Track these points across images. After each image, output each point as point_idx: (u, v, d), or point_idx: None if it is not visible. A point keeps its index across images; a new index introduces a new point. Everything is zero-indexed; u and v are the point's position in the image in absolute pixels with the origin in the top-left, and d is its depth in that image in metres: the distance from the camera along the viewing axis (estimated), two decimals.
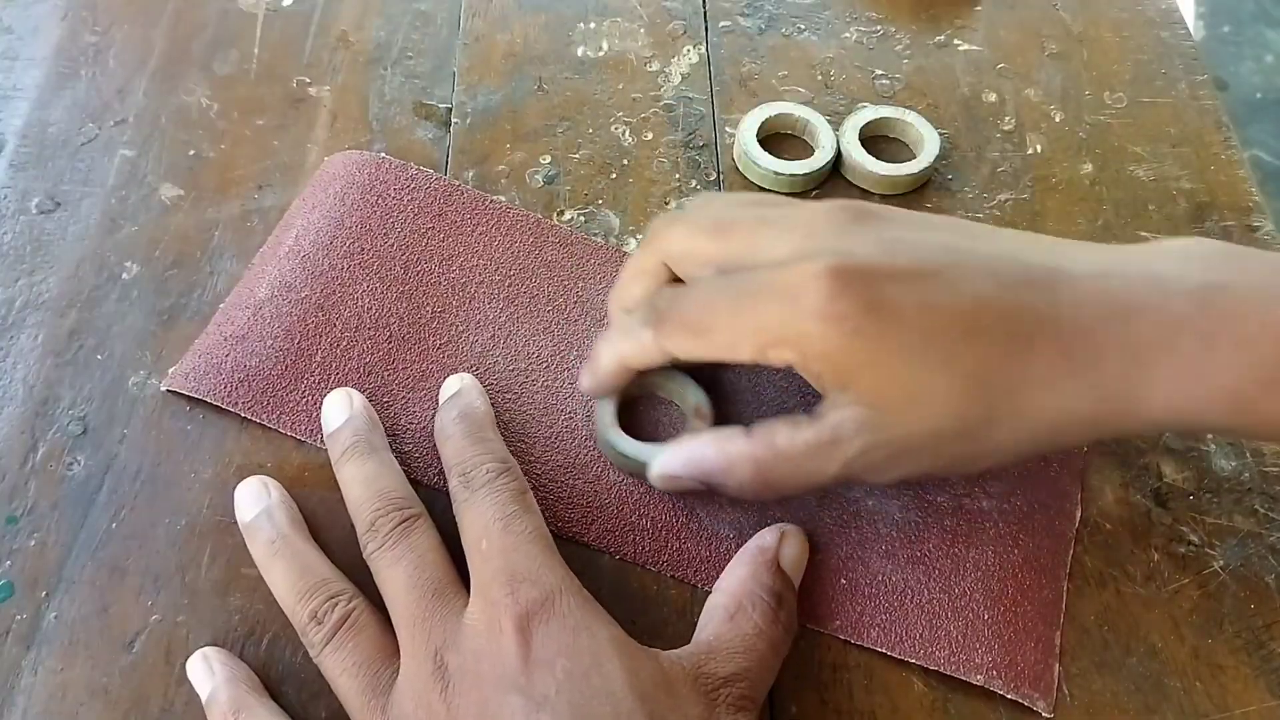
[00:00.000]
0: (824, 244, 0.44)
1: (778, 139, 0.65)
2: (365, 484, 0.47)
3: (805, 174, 0.62)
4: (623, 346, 0.49)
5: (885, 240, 0.45)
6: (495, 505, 0.45)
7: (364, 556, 0.46)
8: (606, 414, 0.52)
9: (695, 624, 0.47)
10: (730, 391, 0.54)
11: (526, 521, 0.45)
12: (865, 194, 0.62)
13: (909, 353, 0.42)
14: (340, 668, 0.43)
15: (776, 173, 0.61)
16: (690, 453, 0.48)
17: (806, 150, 0.64)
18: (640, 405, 0.54)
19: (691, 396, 0.52)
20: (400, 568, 0.44)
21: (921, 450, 0.44)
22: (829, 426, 0.44)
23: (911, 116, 0.64)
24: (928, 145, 0.63)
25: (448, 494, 0.49)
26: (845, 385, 0.43)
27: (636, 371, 0.50)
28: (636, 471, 0.51)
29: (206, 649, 0.46)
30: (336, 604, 0.44)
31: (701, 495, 0.51)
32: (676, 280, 0.49)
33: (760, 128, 0.64)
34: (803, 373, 0.44)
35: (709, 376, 0.54)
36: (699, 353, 0.46)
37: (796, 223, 0.46)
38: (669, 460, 0.48)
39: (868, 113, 0.64)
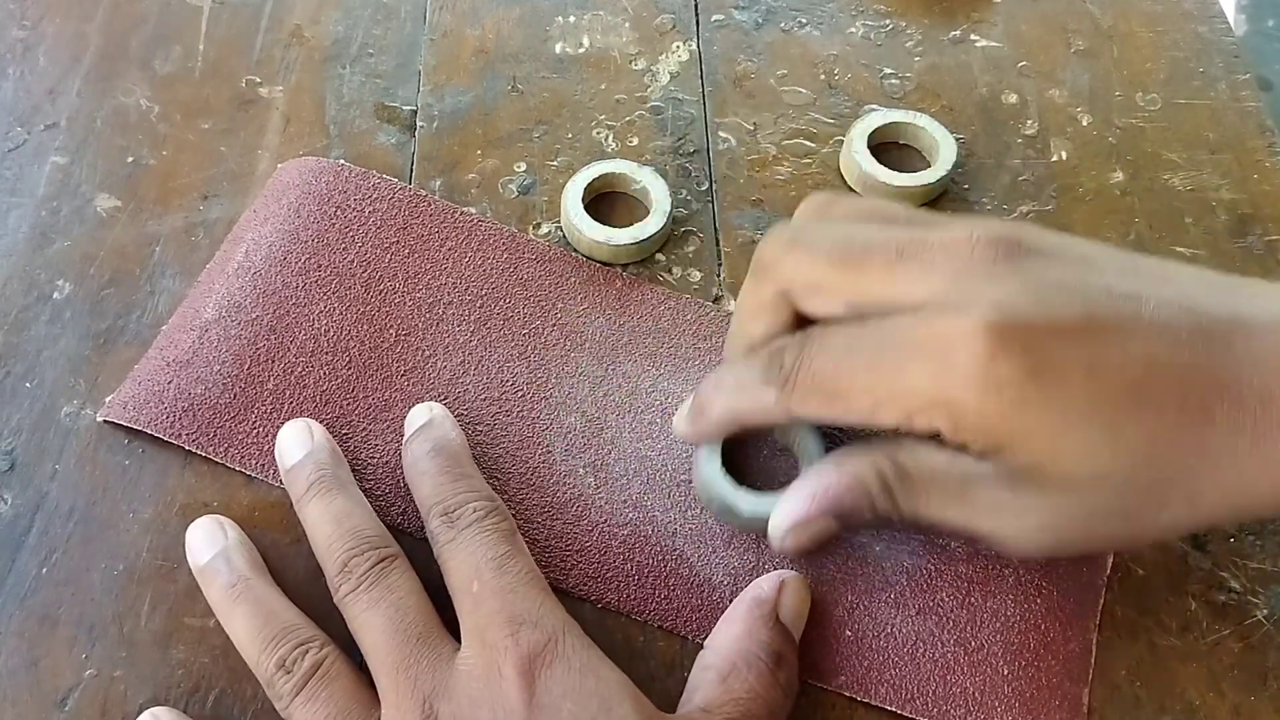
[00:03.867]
0: (975, 291, 0.43)
1: (608, 200, 0.64)
2: (335, 522, 0.48)
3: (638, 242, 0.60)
4: (740, 401, 0.48)
5: (1045, 287, 0.43)
6: (485, 546, 0.46)
7: (335, 601, 0.46)
8: (710, 460, 0.51)
9: (685, 680, 0.47)
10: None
11: (520, 562, 0.46)
12: None
13: (1072, 426, 0.42)
14: None
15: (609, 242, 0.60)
16: (813, 486, 0.47)
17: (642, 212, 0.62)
18: (745, 448, 0.54)
19: (812, 442, 0.52)
20: (379, 611, 0.45)
21: (1068, 528, 0.44)
22: (962, 467, 0.44)
23: (924, 120, 0.65)
24: (943, 152, 0.63)
25: (414, 534, 0.50)
26: (997, 453, 0.43)
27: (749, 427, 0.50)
28: (749, 529, 0.51)
29: (156, 709, 0.46)
30: (307, 651, 0.45)
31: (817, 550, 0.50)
32: (799, 317, 0.48)
33: (587, 190, 0.62)
34: (950, 439, 0.43)
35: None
36: (833, 417, 0.46)
37: (939, 255, 0.44)
38: (793, 505, 0.47)
39: (876, 117, 0.64)
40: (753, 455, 0.54)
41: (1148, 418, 0.41)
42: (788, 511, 0.47)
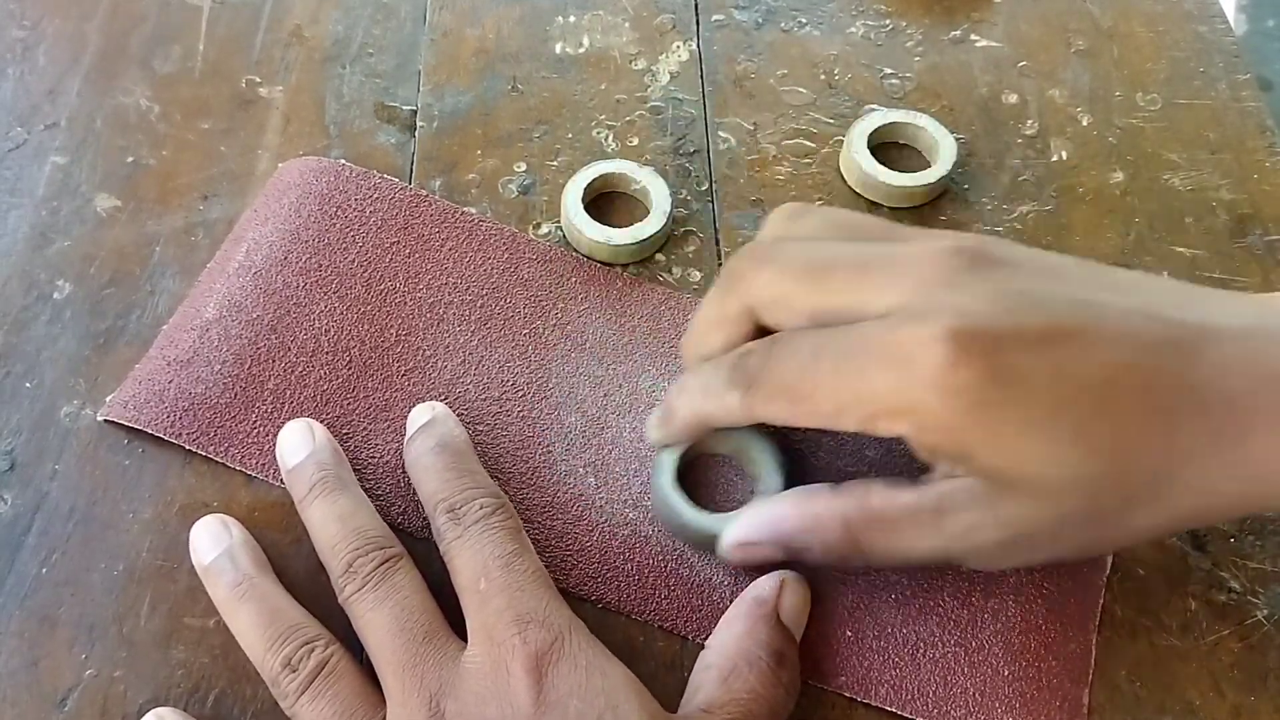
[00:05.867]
0: (938, 299, 0.43)
1: (608, 200, 0.63)
2: (339, 523, 0.48)
3: (638, 242, 0.60)
4: (704, 405, 0.48)
5: (1009, 295, 0.43)
6: (492, 543, 0.46)
7: (340, 601, 0.46)
8: (668, 472, 0.52)
9: (685, 680, 0.47)
10: (820, 456, 0.54)
11: (527, 561, 0.46)
12: (874, 206, 0.63)
13: (1037, 428, 0.42)
14: (318, 719, 0.44)
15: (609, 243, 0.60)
16: (768, 514, 0.48)
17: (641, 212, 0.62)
18: (703, 464, 0.54)
19: (769, 460, 0.52)
20: (384, 611, 0.45)
21: (1042, 536, 0.44)
22: (936, 494, 0.44)
23: (924, 120, 0.65)
24: (943, 152, 0.63)
25: (414, 534, 0.50)
26: (963, 460, 0.43)
27: (714, 430, 0.50)
28: (699, 544, 0.51)
29: (160, 710, 0.46)
30: (313, 650, 0.45)
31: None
32: (761, 329, 0.48)
33: (587, 190, 0.62)
34: (915, 447, 0.44)
35: (792, 436, 0.54)
36: (796, 420, 0.46)
37: (904, 267, 0.45)
38: (745, 526, 0.48)
39: (876, 117, 0.64)
40: (712, 475, 0.54)
41: (1113, 420, 0.42)
42: (738, 530, 0.48)
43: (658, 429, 0.51)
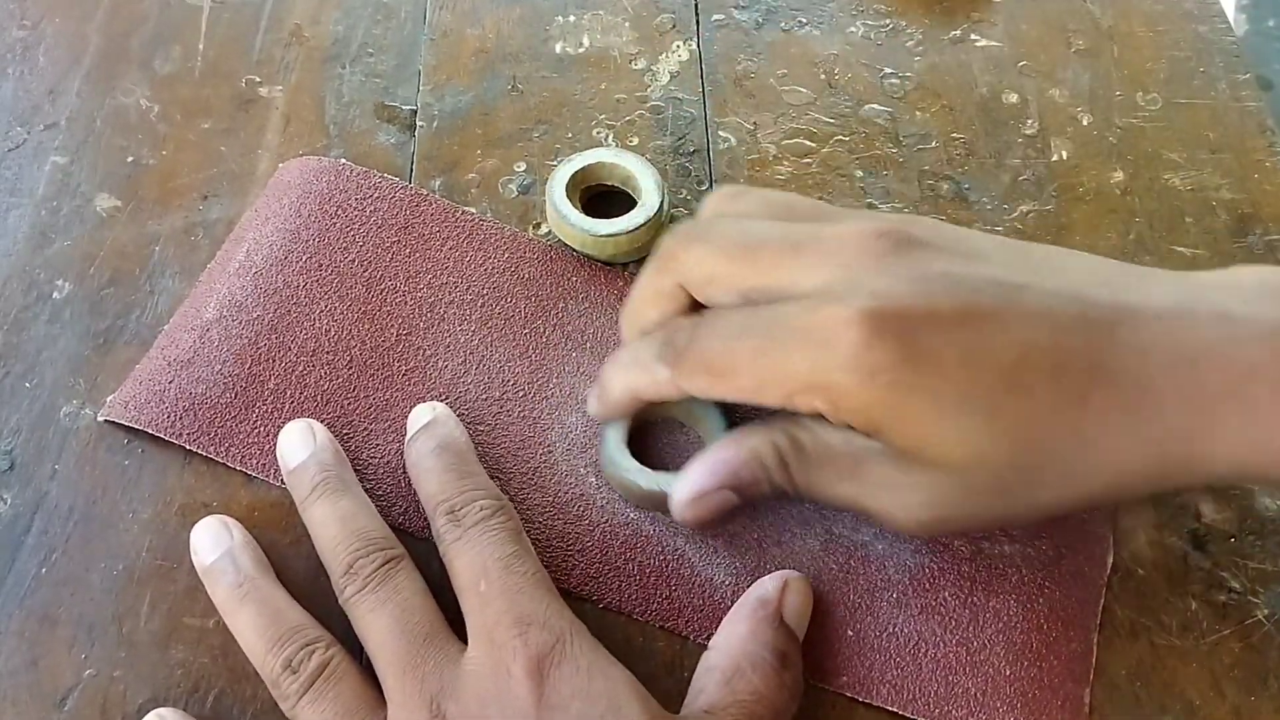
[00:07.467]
0: (858, 281, 0.44)
1: (608, 199, 0.63)
2: (340, 524, 0.48)
3: (625, 232, 0.59)
4: (636, 379, 0.49)
5: (928, 277, 0.44)
6: (493, 545, 0.46)
7: (341, 602, 0.46)
8: (614, 440, 0.52)
9: (686, 681, 0.47)
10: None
11: (527, 562, 0.46)
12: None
13: (947, 408, 0.43)
14: None
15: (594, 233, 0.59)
16: (714, 458, 0.48)
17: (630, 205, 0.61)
18: (653, 431, 0.55)
19: (715, 422, 0.52)
20: (385, 612, 0.45)
21: (949, 505, 0.45)
22: (857, 446, 0.45)
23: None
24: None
25: (415, 534, 0.50)
26: (876, 436, 0.44)
27: (649, 403, 0.51)
28: (649, 505, 0.52)
29: (161, 710, 0.46)
30: (313, 651, 0.45)
31: (720, 526, 0.51)
32: (695, 304, 0.49)
33: (583, 190, 0.62)
34: (833, 420, 0.45)
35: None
36: (720, 394, 0.47)
37: (830, 248, 0.46)
38: (694, 477, 0.48)
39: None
40: (659, 436, 0.55)
41: (1022, 402, 0.43)
42: (687, 484, 0.48)
43: (595, 403, 0.52)
